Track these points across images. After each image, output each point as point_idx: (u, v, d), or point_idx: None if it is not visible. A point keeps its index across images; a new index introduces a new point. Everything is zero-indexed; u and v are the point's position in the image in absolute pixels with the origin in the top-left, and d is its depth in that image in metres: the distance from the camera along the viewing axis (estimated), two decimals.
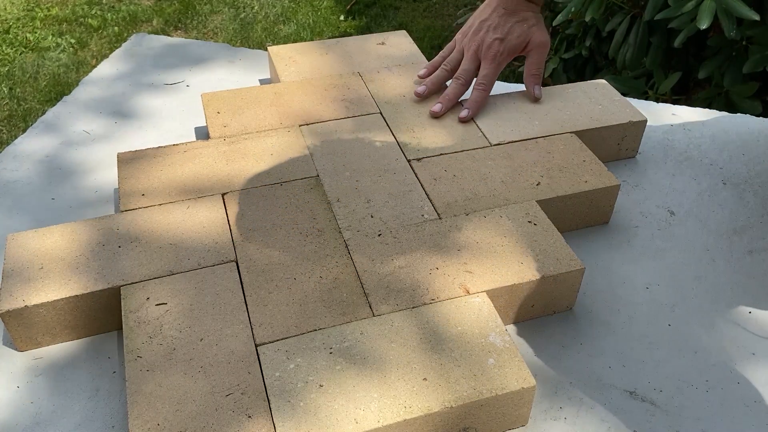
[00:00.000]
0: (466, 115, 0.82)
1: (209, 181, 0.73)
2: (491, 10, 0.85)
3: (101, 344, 0.64)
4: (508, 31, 0.83)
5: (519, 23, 0.83)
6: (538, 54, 0.85)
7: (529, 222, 0.68)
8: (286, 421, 0.52)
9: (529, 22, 0.84)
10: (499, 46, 0.83)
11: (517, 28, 0.83)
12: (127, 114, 0.93)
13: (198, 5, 2.70)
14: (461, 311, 0.60)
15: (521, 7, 0.84)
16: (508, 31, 0.83)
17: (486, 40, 0.84)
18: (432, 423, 0.53)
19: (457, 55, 0.86)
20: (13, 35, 2.51)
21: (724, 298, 0.68)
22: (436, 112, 0.83)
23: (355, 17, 2.63)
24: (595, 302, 0.67)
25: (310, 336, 0.58)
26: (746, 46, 1.36)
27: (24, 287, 0.61)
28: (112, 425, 0.57)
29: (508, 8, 0.84)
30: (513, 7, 0.84)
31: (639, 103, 0.94)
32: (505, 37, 0.83)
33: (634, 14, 1.53)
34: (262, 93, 0.86)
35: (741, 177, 0.83)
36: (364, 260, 0.64)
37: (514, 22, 0.83)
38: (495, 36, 0.83)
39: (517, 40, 0.83)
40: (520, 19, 0.83)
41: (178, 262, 0.64)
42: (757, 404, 0.59)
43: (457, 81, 0.85)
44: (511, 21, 0.83)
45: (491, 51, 0.83)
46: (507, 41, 0.83)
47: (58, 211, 0.77)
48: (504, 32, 0.83)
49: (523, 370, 0.55)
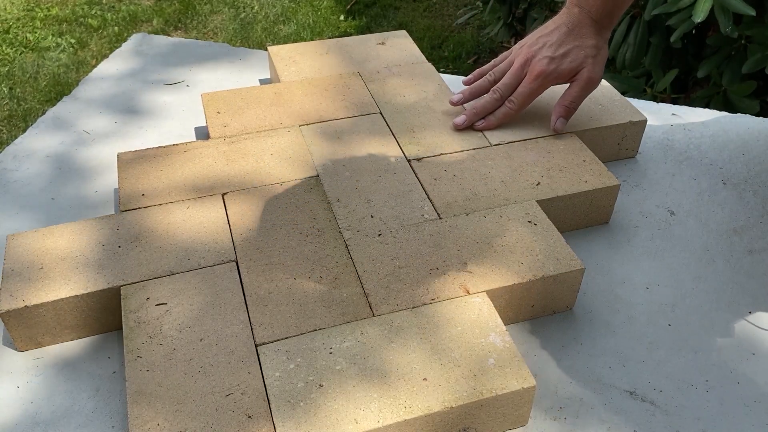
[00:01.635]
0: (481, 125, 0.79)
1: (209, 181, 0.73)
2: (554, 27, 0.78)
3: (101, 344, 0.64)
4: (563, 53, 0.76)
5: (577, 48, 0.76)
6: (580, 88, 0.77)
7: (529, 222, 0.68)
8: (286, 421, 0.52)
9: (588, 51, 0.76)
10: (547, 65, 0.76)
11: (573, 52, 0.76)
12: (127, 114, 0.93)
13: (198, 5, 2.70)
14: (461, 311, 0.60)
15: (587, 30, 0.77)
16: (564, 53, 0.76)
17: (537, 56, 0.77)
18: (432, 423, 0.53)
19: (505, 66, 0.81)
20: (13, 35, 2.51)
21: (724, 298, 0.68)
22: (458, 125, 0.79)
23: (355, 17, 2.63)
24: (595, 302, 0.67)
25: (310, 336, 0.58)
26: (745, 46, 1.36)
27: (24, 287, 0.61)
28: (112, 425, 0.57)
29: (572, 28, 0.77)
30: (577, 29, 0.77)
31: (639, 103, 0.94)
32: (558, 57, 0.76)
33: (634, 14, 1.53)
34: (262, 93, 0.86)
35: (741, 177, 0.83)
36: (364, 260, 0.64)
37: (573, 45, 0.76)
38: (547, 54, 0.76)
39: (570, 65, 0.76)
40: (580, 44, 0.76)
41: (178, 262, 0.64)
42: (757, 404, 0.59)
43: (493, 94, 0.80)
44: (570, 44, 0.76)
45: (537, 68, 0.77)
46: (558, 63, 0.76)
47: (58, 211, 0.77)
48: (558, 53, 0.76)
49: (523, 370, 0.55)
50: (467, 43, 2.44)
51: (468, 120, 0.80)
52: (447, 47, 2.44)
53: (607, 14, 0.77)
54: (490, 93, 0.80)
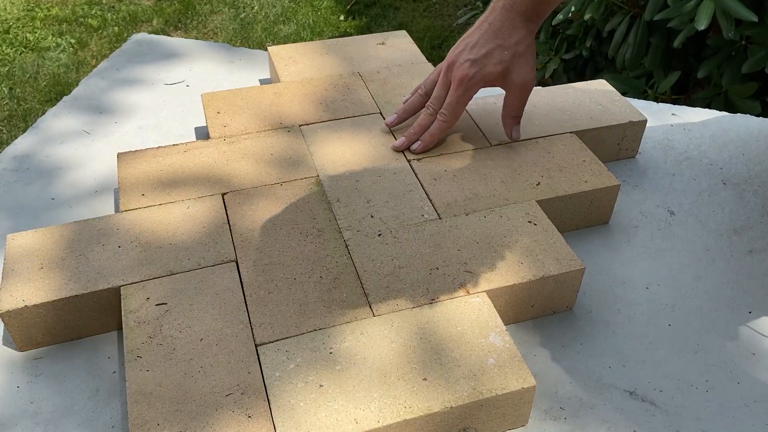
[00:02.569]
0: (417, 147, 0.75)
1: (209, 181, 0.73)
2: (477, 26, 0.72)
3: (101, 344, 0.64)
4: (485, 53, 0.70)
5: (500, 48, 0.70)
6: (517, 97, 0.73)
7: (529, 222, 0.68)
8: (286, 421, 0.52)
9: (515, 49, 0.70)
10: (469, 68, 0.70)
11: (496, 52, 0.70)
12: (127, 114, 0.93)
13: (198, 5, 2.70)
14: (461, 311, 0.60)
15: (512, 24, 0.70)
16: (486, 53, 0.70)
17: (458, 61, 0.71)
18: (432, 423, 0.53)
19: (434, 77, 0.76)
20: (13, 35, 2.51)
21: (724, 298, 0.68)
22: (398, 147, 0.76)
23: (355, 17, 2.63)
24: (595, 302, 0.67)
25: (310, 336, 0.58)
26: (745, 46, 1.36)
27: (24, 287, 0.61)
28: (112, 425, 0.57)
29: (494, 25, 0.70)
30: (500, 24, 0.70)
31: (639, 103, 0.94)
32: (479, 59, 0.70)
33: (634, 14, 1.53)
34: (262, 93, 0.86)
35: (741, 177, 0.83)
36: (364, 260, 0.64)
37: (496, 45, 0.70)
38: (468, 57, 0.71)
39: (494, 68, 0.70)
40: (503, 43, 0.70)
41: (178, 262, 0.64)
42: (757, 404, 0.59)
43: (427, 110, 0.75)
44: (492, 43, 0.70)
45: (458, 74, 0.71)
46: (481, 65, 0.70)
47: (58, 211, 0.77)
48: (480, 53, 0.70)
49: (523, 370, 0.55)
50: None
51: (407, 140, 0.76)
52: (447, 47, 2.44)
53: (533, 7, 0.70)
54: (424, 110, 0.76)
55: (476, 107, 0.84)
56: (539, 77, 1.87)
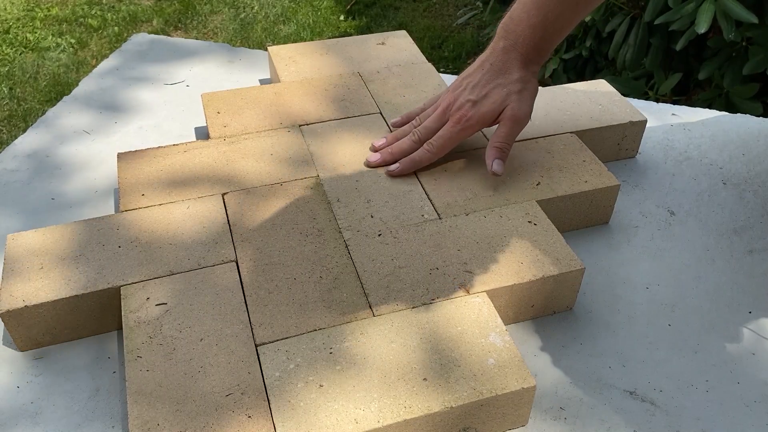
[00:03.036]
0: (394, 169, 0.73)
1: (209, 181, 0.73)
2: (478, 66, 0.72)
3: (101, 344, 0.64)
4: (485, 94, 0.70)
5: (499, 87, 0.70)
6: (507, 127, 0.71)
7: (529, 222, 0.68)
8: (286, 421, 0.52)
9: (512, 88, 0.70)
10: (469, 109, 0.70)
11: (495, 92, 0.70)
12: (127, 114, 0.93)
13: (198, 5, 2.70)
14: (461, 311, 0.60)
15: (512, 65, 0.70)
16: (486, 94, 0.70)
17: (458, 100, 0.72)
18: (432, 423, 0.53)
19: (431, 111, 0.76)
20: (13, 35, 2.51)
21: (724, 298, 0.68)
22: (370, 163, 0.74)
23: (355, 17, 2.63)
24: (595, 302, 0.67)
25: (310, 336, 0.58)
26: (746, 47, 1.36)
27: (24, 287, 0.61)
28: (112, 425, 0.57)
29: (495, 65, 0.71)
30: (501, 65, 0.71)
31: (639, 103, 0.94)
32: (479, 100, 0.70)
33: (634, 15, 1.53)
34: (262, 93, 0.86)
35: (741, 177, 0.83)
36: (364, 260, 0.64)
37: (496, 84, 0.70)
38: (469, 97, 0.71)
39: (491, 106, 0.70)
40: (503, 81, 0.70)
41: (178, 262, 0.64)
42: (757, 404, 0.59)
43: (411, 137, 0.74)
44: (493, 83, 0.70)
45: (458, 113, 0.71)
46: (479, 106, 0.70)
47: (58, 211, 0.77)
48: (480, 95, 0.70)
49: (523, 370, 0.55)
50: (467, 43, 2.44)
51: (382, 159, 0.74)
52: (447, 47, 2.44)
53: (535, 48, 0.70)
54: (409, 135, 0.75)
55: None
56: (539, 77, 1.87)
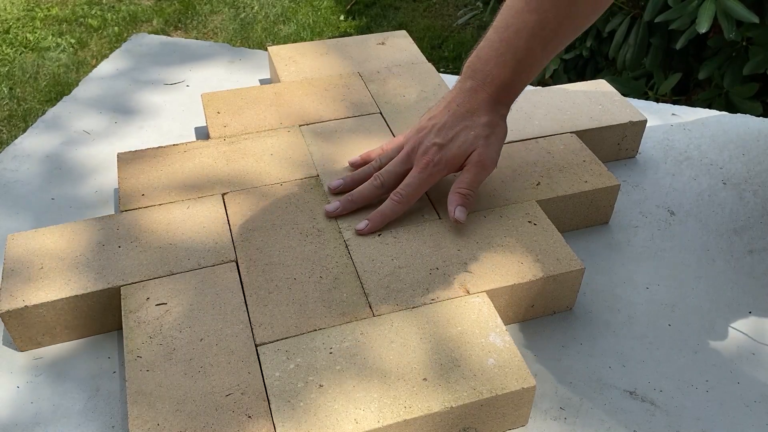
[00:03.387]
0: (363, 227, 0.67)
1: (209, 181, 0.73)
2: (444, 106, 0.68)
3: (101, 344, 0.64)
4: (452, 137, 0.66)
5: (467, 129, 0.66)
6: (471, 174, 0.67)
7: (529, 222, 0.68)
8: (286, 421, 0.52)
9: (480, 132, 0.66)
10: (435, 153, 0.66)
11: (462, 135, 0.66)
12: (127, 114, 0.93)
13: (198, 5, 2.70)
14: (461, 311, 0.60)
15: (479, 107, 0.66)
16: (452, 137, 0.66)
17: (424, 143, 0.67)
18: (432, 423, 0.53)
19: (393, 153, 0.71)
20: (13, 35, 2.51)
21: (724, 298, 0.68)
22: (329, 213, 0.69)
23: (355, 17, 2.63)
24: (595, 302, 0.67)
25: (310, 336, 0.58)
26: (746, 47, 1.36)
27: (24, 287, 0.61)
28: (112, 425, 0.57)
29: (462, 106, 0.67)
30: (468, 106, 0.67)
31: (639, 103, 0.94)
32: (446, 144, 0.66)
33: (634, 15, 1.53)
34: (262, 93, 0.86)
35: (741, 177, 0.83)
36: (364, 260, 0.64)
37: (463, 127, 0.66)
38: (435, 140, 0.67)
39: (458, 150, 0.66)
40: (470, 124, 0.66)
41: (178, 262, 0.64)
42: (757, 404, 0.59)
43: (374, 181, 0.69)
44: (459, 125, 0.66)
45: (425, 158, 0.67)
46: (446, 150, 0.66)
47: (58, 211, 0.77)
48: (447, 138, 0.66)
49: (523, 370, 0.55)
50: (467, 44, 2.44)
51: (342, 208, 0.69)
52: (447, 47, 2.44)
53: (503, 87, 0.66)
54: (371, 180, 0.69)
55: None
56: (540, 77, 1.87)
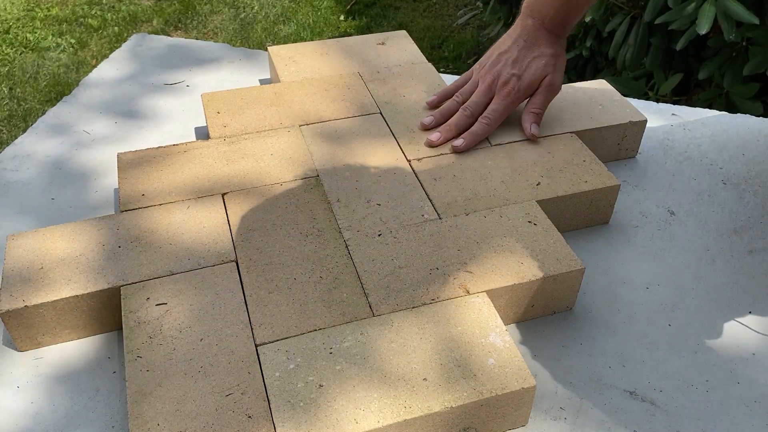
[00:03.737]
0: (460, 144, 0.77)
1: (209, 181, 0.73)
2: (512, 42, 0.80)
3: (101, 344, 0.64)
4: (526, 66, 0.78)
5: (537, 59, 0.78)
6: (544, 95, 0.79)
7: (529, 222, 0.68)
8: (286, 421, 0.52)
9: (547, 60, 0.78)
10: (516, 83, 0.78)
11: (534, 64, 0.78)
12: (127, 114, 0.93)
13: (198, 5, 2.70)
14: (461, 311, 0.60)
15: (543, 41, 0.79)
16: (526, 66, 0.78)
17: (503, 75, 0.79)
18: (432, 423, 0.53)
19: (471, 87, 0.82)
20: (13, 35, 2.51)
21: (724, 298, 0.68)
22: (433, 142, 0.78)
23: (355, 17, 2.63)
24: (595, 302, 0.67)
25: (310, 336, 0.58)
26: (746, 48, 1.36)
27: (24, 287, 0.61)
28: (112, 425, 0.57)
29: (529, 41, 0.79)
30: (534, 41, 0.79)
31: (639, 103, 0.94)
32: (522, 74, 0.78)
33: (634, 15, 1.53)
34: (262, 93, 0.86)
35: (741, 177, 0.83)
36: (364, 260, 0.64)
37: (533, 57, 0.78)
38: (512, 72, 0.78)
39: (533, 77, 0.78)
40: (538, 54, 0.78)
41: (178, 262, 0.64)
42: (757, 404, 0.59)
43: (464, 112, 0.80)
44: (530, 56, 0.79)
45: (506, 88, 0.78)
46: (523, 78, 0.78)
47: (58, 211, 0.77)
48: (522, 68, 0.78)
49: (523, 370, 0.55)
50: (467, 44, 2.44)
51: (443, 137, 0.79)
52: (447, 47, 2.44)
53: (560, 23, 0.79)
54: (460, 111, 0.80)
55: None
56: None
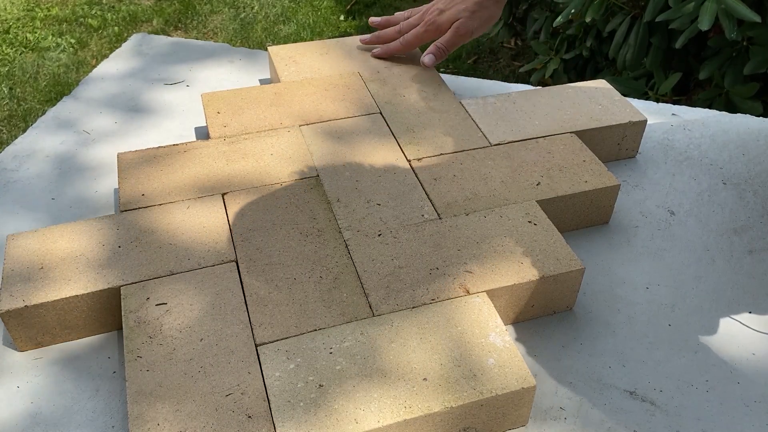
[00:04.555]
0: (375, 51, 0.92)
1: (209, 181, 0.73)
2: None
3: (101, 344, 0.64)
4: (450, 7, 0.87)
5: (461, 2, 0.87)
6: (450, 34, 0.88)
7: (529, 222, 0.68)
8: (286, 421, 0.52)
9: (468, 6, 0.86)
10: (435, 16, 0.88)
11: (456, 6, 0.87)
12: (127, 114, 0.93)
13: (198, 5, 2.70)
14: (461, 311, 0.60)
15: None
16: (450, 7, 0.87)
17: (433, 7, 0.90)
18: (432, 423, 0.53)
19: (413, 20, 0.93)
20: (13, 35, 2.51)
21: (724, 298, 0.68)
22: (363, 41, 0.94)
23: (355, 17, 2.63)
24: (595, 302, 0.67)
25: (310, 336, 0.58)
26: (747, 47, 1.36)
27: (24, 287, 0.61)
28: (112, 425, 0.57)
29: None
30: None
31: (639, 103, 0.94)
32: (445, 11, 0.87)
33: (635, 15, 1.53)
34: (262, 93, 0.86)
35: (741, 177, 0.83)
36: (364, 260, 0.64)
37: (457, 2, 0.87)
38: (438, 6, 0.89)
39: (448, 17, 0.87)
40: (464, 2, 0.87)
41: (178, 262, 0.64)
42: (757, 404, 0.59)
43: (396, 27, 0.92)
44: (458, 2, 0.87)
45: (428, 17, 0.89)
46: (443, 14, 0.87)
47: (58, 211, 0.77)
48: (447, 6, 0.88)
49: (523, 370, 0.55)
50: (467, 43, 2.44)
51: (370, 39, 0.94)
52: None
53: None
54: (395, 26, 0.93)
55: (476, 107, 0.84)
56: (539, 77, 1.87)
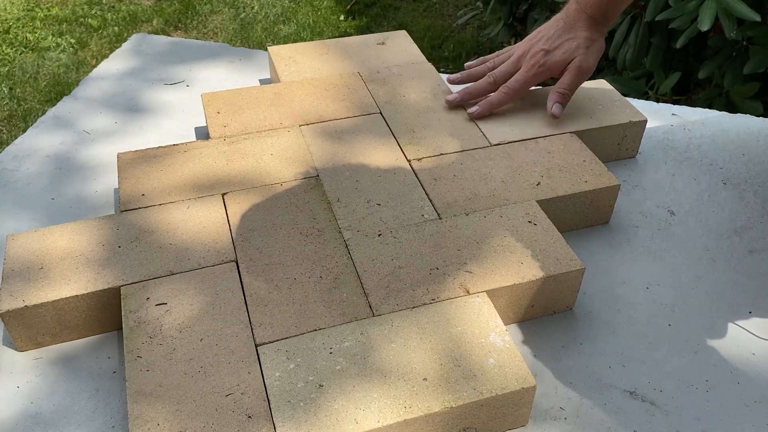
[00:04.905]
0: (473, 110, 0.81)
1: (209, 181, 0.73)
2: (552, 23, 0.82)
3: (101, 344, 0.64)
4: (557, 46, 0.80)
5: (570, 40, 0.80)
6: (571, 75, 0.80)
7: (529, 222, 0.68)
8: (286, 421, 0.52)
9: (580, 42, 0.80)
10: (542, 57, 0.80)
11: (566, 44, 0.80)
12: (127, 114, 0.93)
13: (198, 5, 2.70)
14: (461, 311, 0.60)
15: (581, 24, 0.80)
16: (557, 46, 0.80)
17: (533, 49, 0.81)
18: (432, 423, 0.53)
19: (504, 57, 0.85)
20: (13, 35, 2.51)
21: (724, 298, 0.68)
22: (450, 102, 0.83)
23: (355, 17, 2.63)
24: (595, 302, 0.67)
25: (310, 336, 0.58)
26: (747, 47, 1.36)
27: (24, 287, 0.61)
28: (112, 425, 0.57)
29: (568, 23, 0.81)
30: (572, 23, 0.81)
31: (639, 103, 0.94)
32: (552, 50, 0.80)
33: (635, 15, 1.53)
34: (262, 93, 0.86)
35: (741, 177, 0.83)
36: (364, 260, 0.64)
37: (567, 38, 0.80)
38: (542, 47, 0.80)
39: (561, 56, 0.80)
40: (573, 36, 0.80)
41: (178, 262, 0.64)
42: (757, 404, 0.59)
43: (488, 79, 0.83)
44: (565, 36, 0.80)
45: (532, 60, 0.81)
46: (551, 56, 0.80)
47: (58, 211, 0.77)
48: (552, 45, 0.80)
49: (523, 370, 0.55)
50: (467, 44, 2.44)
51: (460, 98, 0.83)
52: (447, 47, 2.44)
53: (602, 13, 0.80)
54: (485, 77, 0.83)
55: None
56: None
